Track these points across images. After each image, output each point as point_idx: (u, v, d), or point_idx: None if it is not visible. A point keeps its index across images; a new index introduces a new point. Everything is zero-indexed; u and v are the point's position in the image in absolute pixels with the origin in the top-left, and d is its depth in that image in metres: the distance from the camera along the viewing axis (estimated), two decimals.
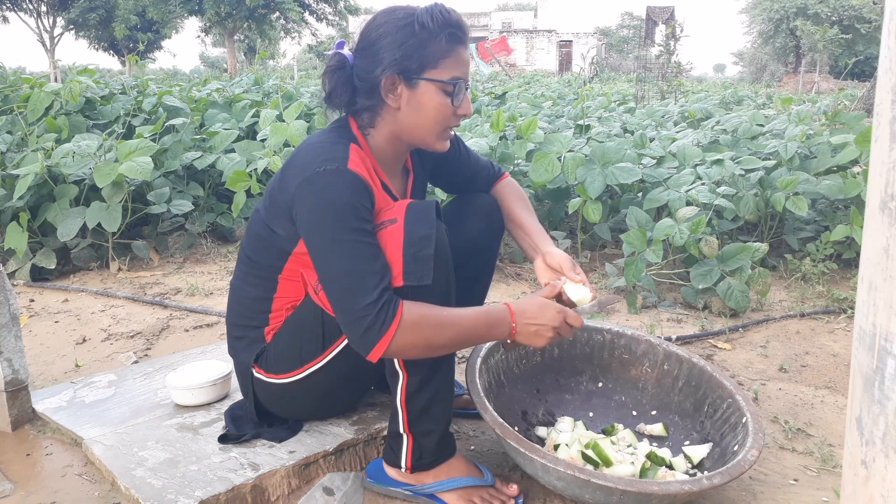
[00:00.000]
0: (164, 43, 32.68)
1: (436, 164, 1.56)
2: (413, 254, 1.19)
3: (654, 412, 1.67)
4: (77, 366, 2.10)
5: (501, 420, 1.33)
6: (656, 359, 1.70)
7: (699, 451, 1.49)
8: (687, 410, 1.62)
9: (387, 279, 1.17)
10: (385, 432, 1.49)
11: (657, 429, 1.61)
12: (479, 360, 1.52)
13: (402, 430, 1.33)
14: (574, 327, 1.31)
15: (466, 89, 1.31)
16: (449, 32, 1.25)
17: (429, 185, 1.64)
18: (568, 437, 1.55)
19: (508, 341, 1.31)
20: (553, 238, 1.57)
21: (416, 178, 1.50)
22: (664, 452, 1.50)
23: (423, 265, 1.19)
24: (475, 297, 1.61)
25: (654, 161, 3.42)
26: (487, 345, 1.59)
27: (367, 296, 1.14)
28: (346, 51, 1.32)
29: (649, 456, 1.48)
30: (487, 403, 1.37)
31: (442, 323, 1.19)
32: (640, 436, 1.62)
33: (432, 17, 1.24)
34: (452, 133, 1.37)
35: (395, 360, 1.28)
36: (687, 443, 1.56)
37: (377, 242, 1.20)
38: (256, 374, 1.42)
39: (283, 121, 3.44)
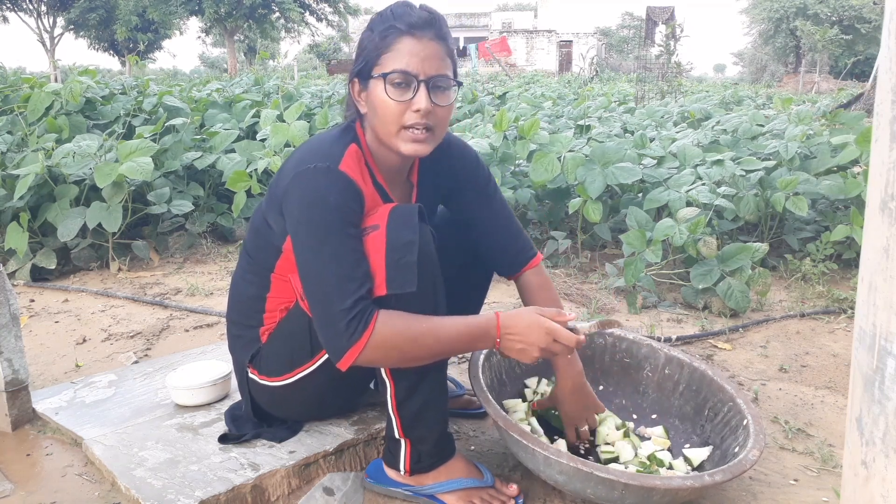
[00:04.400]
0: (165, 43, 32.69)
1: (452, 191, 1.48)
2: (396, 261, 1.17)
3: (654, 416, 1.67)
4: (77, 366, 2.10)
5: (504, 414, 1.33)
6: (657, 363, 1.70)
7: (699, 454, 1.49)
8: (687, 414, 1.62)
9: (365, 287, 1.15)
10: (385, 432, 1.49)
11: (658, 432, 1.61)
12: (481, 356, 1.52)
13: (397, 436, 1.33)
14: (568, 346, 1.22)
15: (421, 83, 1.21)
16: (390, 26, 1.22)
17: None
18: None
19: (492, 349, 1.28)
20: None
21: (420, 195, 1.44)
22: (664, 455, 1.50)
23: (406, 272, 1.17)
24: (471, 303, 1.61)
25: (655, 161, 3.42)
26: None
27: (341, 303, 1.13)
28: None
29: (650, 458, 1.48)
30: (490, 397, 1.38)
31: (419, 336, 1.16)
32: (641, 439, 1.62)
33: (381, 15, 1.24)
34: (424, 134, 1.24)
35: (382, 370, 1.28)
36: (687, 446, 1.56)
37: (361, 248, 1.18)
38: (251, 375, 1.42)
39: (284, 121, 3.44)
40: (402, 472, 1.36)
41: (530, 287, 1.50)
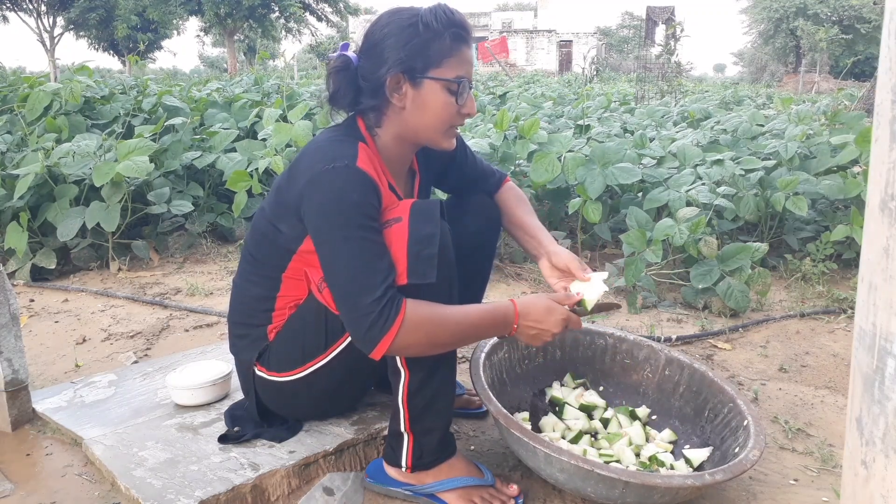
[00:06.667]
0: (164, 43, 32.67)
1: (443, 166, 1.57)
2: (417, 252, 1.20)
3: (654, 417, 1.67)
4: (77, 366, 2.10)
5: (506, 411, 1.33)
6: (658, 364, 1.70)
7: (699, 455, 1.49)
8: (687, 415, 1.62)
9: (392, 277, 1.18)
10: (385, 432, 1.49)
11: (665, 436, 1.60)
12: (483, 355, 1.52)
13: (402, 429, 1.33)
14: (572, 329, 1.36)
15: (470, 88, 1.31)
16: (453, 32, 1.26)
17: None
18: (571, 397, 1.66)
19: (506, 336, 1.33)
20: (554, 239, 1.57)
21: (422, 179, 1.51)
22: (666, 457, 1.50)
23: (426, 264, 1.20)
24: (473, 292, 1.61)
25: (654, 161, 3.42)
26: (491, 341, 1.60)
27: (372, 293, 1.15)
28: (350, 52, 1.33)
29: (651, 458, 1.48)
30: (491, 395, 1.38)
31: (445, 321, 1.21)
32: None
33: (436, 16, 1.25)
34: (457, 132, 1.38)
35: (397, 358, 1.28)
36: (687, 447, 1.56)
37: (383, 241, 1.21)
38: (258, 373, 1.42)
39: (287, 120, 3.44)
40: (403, 469, 1.36)
41: (509, 201, 1.62)
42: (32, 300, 2.78)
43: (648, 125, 4.68)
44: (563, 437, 1.54)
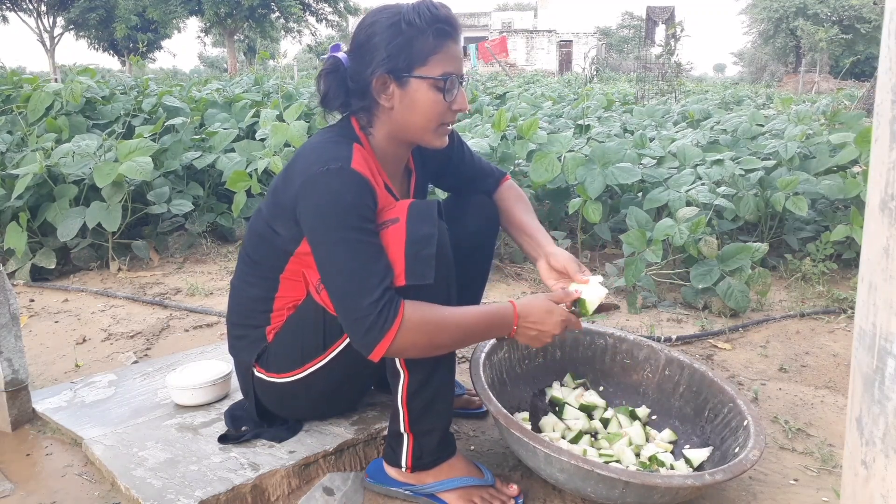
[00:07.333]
0: (164, 43, 32.68)
1: (439, 165, 1.56)
2: (415, 253, 1.20)
3: (654, 417, 1.67)
4: (77, 366, 2.10)
5: (506, 411, 1.33)
6: (658, 364, 1.70)
7: (699, 455, 1.49)
8: (687, 415, 1.62)
9: (389, 279, 1.17)
10: (385, 432, 1.49)
11: (665, 436, 1.60)
12: (482, 355, 1.52)
13: (402, 430, 1.33)
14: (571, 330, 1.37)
15: (460, 84, 1.30)
16: (436, 28, 1.25)
17: (429, 186, 1.64)
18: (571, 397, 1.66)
19: (505, 337, 1.33)
20: (553, 238, 1.57)
21: (418, 178, 1.51)
22: (666, 457, 1.50)
23: (424, 264, 1.20)
24: (472, 293, 1.61)
25: (654, 161, 3.42)
26: (491, 341, 1.60)
27: (370, 295, 1.15)
28: (341, 53, 1.33)
29: (651, 458, 1.48)
30: (491, 395, 1.38)
31: (444, 323, 1.20)
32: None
33: (419, 13, 1.24)
34: (450, 129, 1.37)
35: (396, 360, 1.28)
36: (687, 447, 1.56)
37: (380, 242, 1.20)
38: (257, 374, 1.42)
39: (284, 121, 3.44)
40: (403, 469, 1.36)
41: (508, 200, 1.60)
42: (32, 300, 2.78)
43: (648, 125, 4.68)
44: (563, 437, 1.54)
